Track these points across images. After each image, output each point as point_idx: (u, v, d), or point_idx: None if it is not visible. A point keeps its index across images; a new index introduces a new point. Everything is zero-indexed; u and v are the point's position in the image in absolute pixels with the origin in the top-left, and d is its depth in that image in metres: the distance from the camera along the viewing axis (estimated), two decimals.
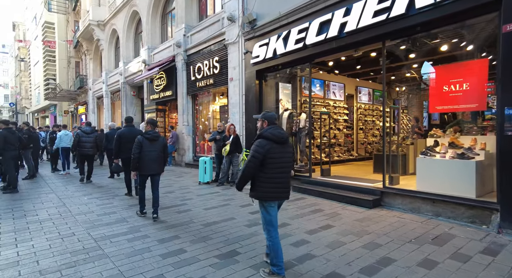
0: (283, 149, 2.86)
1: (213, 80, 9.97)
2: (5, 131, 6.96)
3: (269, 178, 2.81)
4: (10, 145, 6.83)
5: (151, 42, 13.69)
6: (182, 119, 11.53)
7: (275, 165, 2.80)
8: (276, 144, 2.81)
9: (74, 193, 6.78)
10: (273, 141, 2.80)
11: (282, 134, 2.86)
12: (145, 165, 4.64)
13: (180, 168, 11.20)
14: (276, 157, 2.80)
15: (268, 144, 2.78)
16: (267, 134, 2.82)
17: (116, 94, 18.15)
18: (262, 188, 2.83)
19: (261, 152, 2.75)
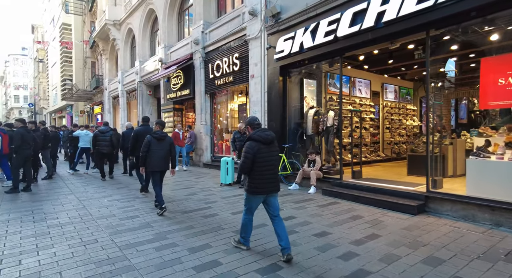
0: (269, 149, 3.27)
1: (232, 78, 9.63)
2: (22, 130, 6.89)
3: (258, 174, 3.22)
4: (26, 144, 6.74)
5: (167, 40, 13.48)
6: (200, 118, 11.24)
7: (264, 163, 3.21)
8: (263, 144, 3.21)
9: (93, 194, 6.55)
10: (261, 142, 3.20)
11: (268, 135, 3.26)
12: (153, 162, 5.02)
13: (198, 168, 10.91)
14: (264, 156, 3.21)
15: (256, 145, 3.19)
16: (255, 137, 3.22)
17: (132, 94, 18.09)
18: (252, 183, 3.25)
19: (251, 152, 3.17)
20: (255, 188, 3.25)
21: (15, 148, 6.71)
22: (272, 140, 3.31)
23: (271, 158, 3.29)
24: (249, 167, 3.20)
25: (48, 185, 7.65)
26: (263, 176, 3.23)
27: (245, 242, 3.48)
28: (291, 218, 4.63)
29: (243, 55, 9.12)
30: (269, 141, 3.26)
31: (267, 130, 3.38)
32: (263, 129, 3.37)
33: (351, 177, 6.65)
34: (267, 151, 3.24)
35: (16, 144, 6.67)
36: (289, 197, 6.03)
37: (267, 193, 3.30)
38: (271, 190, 3.30)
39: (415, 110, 11.55)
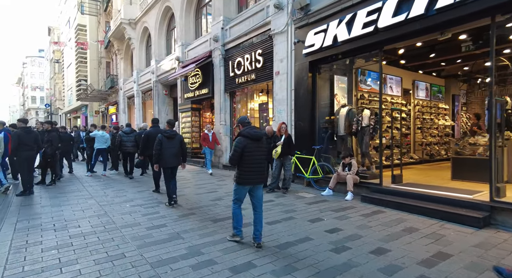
0: (257, 144, 3.57)
1: (255, 75, 9.16)
2: (20, 131, 6.53)
3: (246, 167, 3.53)
4: (24, 145, 6.38)
5: (185, 38, 13.14)
6: (219, 118, 10.83)
7: (251, 157, 3.52)
8: (251, 140, 3.52)
9: (114, 198, 6.19)
10: (249, 138, 3.51)
11: (256, 133, 3.58)
12: (165, 159, 5.45)
13: (218, 170, 10.49)
14: (251, 151, 3.52)
15: (245, 140, 3.50)
16: (244, 133, 3.54)
17: (147, 94, 17.88)
18: (241, 175, 3.57)
19: (240, 147, 3.50)
20: (243, 179, 3.59)
21: (12, 150, 6.41)
22: (260, 137, 3.61)
23: (258, 152, 3.60)
24: (237, 159, 3.55)
25: (67, 188, 7.36)
26: (250, 168, 3.55)
27: (238, 232, 3.74)
28: (336, 230, 4.12)
29: (267, 52, 8.64)
30: (257, 138, 3.57)
31: (255, 128, 3.70)
32: (252, 127, 3.68)
33: (391, 181, 6.08)
34: (255, 146, 3.57)
35: (12, 146, 6.34)
36: (325, 204, 5.51)
37: (253, 184, 3.63)
38: (257, 181, 3.64)
39: (446, 109, 10.81)
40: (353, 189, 5.91)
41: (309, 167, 6.91)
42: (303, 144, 7.15)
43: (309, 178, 6.95)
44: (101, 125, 10.00)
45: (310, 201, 5.75)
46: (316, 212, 5.02)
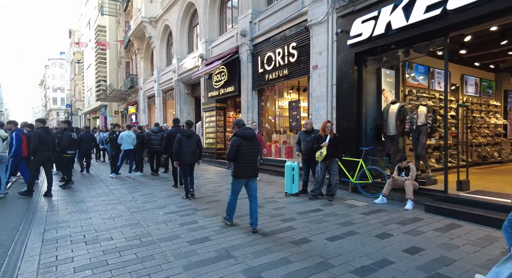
0: (250, 143, 4.11)
1: (288, 71, 8.51)
2: (41, 131, 6.38)
3: (240, 163, 4.10)
4: (44, 146, 6.35)
5: (208, 34, 12.64)
6: (246, 117, 10.23)
7: (245, 154, 4.07)
8: (245, 139, 4.06)
9: (144, 204, 5.69)
10: (243, 137, 4.06)
11: (249, 133, 4.12)
12: (184, 156, 5.98)
13: None
14: (245, 148, 4.07)
15: (239, 140, 4.05)
16: (239, 133, 4.08)
17: (168, 93, 17.55)
18: (236, 169, 4.14)
19: (235, 145, 4.04)
20: (239, 173, 4.12)
21: (32, 150, 6.27)
22: (252, 137, 4.14)
23: (251, 150, 4.13)
24: (232, 156, 4.07)
25: (92, 191, 6.94)
26: (244, 164, 4.08)
27: (229, 218, 4.35)
28: (416, 250, 3.40)
29: (302, 44, 7.98)
30: (250, 137, 4.10)
31: (249, 129, 4.20)
32: (246, 128, 4.19)
33: (456, 188, 5.28)
34: (248, 145, 4.08)
35: (33, 146, 6.23)
36: (385, 215, 4.79)
37: (247, 178, 4.16)
38: (250, 175, 4.18)
39: (498, 106, 9.81)
40: (413, 197, 5.15)
41: (356, 170, 6.19)
42: (347, 145, 6.44)
43: (356, 183, 6.23)
44: (126, 125, 9.60)
45: (365, 211, 5.04)
46: (378, 224, 4.31)
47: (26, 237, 3.99)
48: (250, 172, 4.15)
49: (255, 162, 4.25)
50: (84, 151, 9.95)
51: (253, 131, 4.20)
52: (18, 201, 6.18)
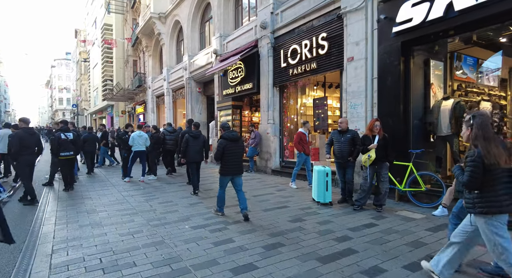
0: (235, 144, 4.76)
1: (316, 64, 7.72)
2: (22, 132, 5.75)
3: (227, 162, 4.70)
4: (26, 148, 5.77)
5: (223, 29, 11.90)
6: (267, 116, 9.48)
7: (230, 155, 4.70)
8: (230, 141, 4.71)
9: (165, 215, 4.96)
10: (228, 140, 4.71)
11: (234, 135, 4.79)
12: (191, 155, 6.46)
13: (266, 175, 9.14)
14: (230, 149, 4.70)
15: (225, 141, 4.70)
16: (225, 136, 4.75)
17: (178, 92, 16.86)
18: (222, 168, 4.76)
19: (222, 146, 4.68)
20: (225, 171, 4.74)
21: (13, 154, 5.73)
22: (237, 139, 4.78)
23: (236, 151, 4.75)
24: (219, 156, 4.70)
25: (104, 198, 6.24)
26: (229, 163, 4.70)
27: (220, 210, 4.92)
28: None
29: (333, 35, 7.20)
30: (235, 139, 4.75)
31: (233, 131, 4.91)
32: (231, 131, 4.86)
33: None
34: (233, 146, 4.72)
35: (14, 149, 5.66)
36: None
37: (232, 175, 4.79)
38: (235, 173, 4.79)
39: None
40: None
41: (405, 176, 5.40)
42: (393, 147, 5.62)
43: (405, 191, 5.44)
44: (137, 124, 8.91)
45: (429, 226, 4.25)
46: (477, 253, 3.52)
47: (31, 261, 3.28)
48: (235, 170, 4.77)
49: (240, 161, 4.84)
50: (89, 152, 9.70)
51: (237, 134, 4.86)
52: (22, 211, 5.50)
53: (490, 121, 2.51)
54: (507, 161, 2.35)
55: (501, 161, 2.31)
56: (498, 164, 2.30)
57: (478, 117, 2.44)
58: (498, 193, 2.35)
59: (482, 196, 2.37)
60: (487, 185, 2.37)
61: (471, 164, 2.37)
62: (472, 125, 2.44)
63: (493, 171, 2.33)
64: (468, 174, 2.38)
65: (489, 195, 2.36)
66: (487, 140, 2.36)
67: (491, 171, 2.33)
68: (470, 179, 2.36)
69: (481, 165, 2.33)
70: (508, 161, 2.35)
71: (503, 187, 2.36)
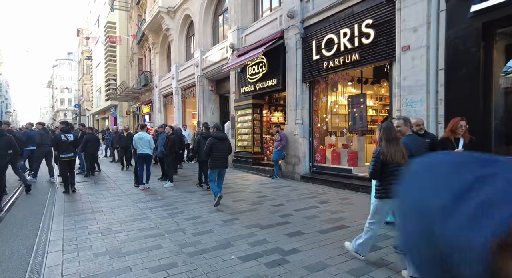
0: (222, 143, 5.67)
1: (358, 56, 6.75)
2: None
3: (213, 158, 5.59)
4: None
5: (241, 21, 10.94)
6: (294, 115, 8.50)
7: (217, 152, 5.59)
8: (218, 140, 5.61)
9: (198, 237, 3.97)
10: (216, 138, 5.63)
11: (221, 135, 5.80)
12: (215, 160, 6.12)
13: (294, 182, 8.16)
14: (218, 147, 5.59)
15: (214, 140, 5.60)
16: (214, 135, 5.71)
17: (188, 91, 15.90)
18: (211, 163, 5.62)
19: (210, 144, 5.54)
20: (213, 166, 5.61)
21: None
22: (224, 138, 5.80)
23: (222, 149, 5.66)
24: (208, 153, 5.56)
25: (119, 212, 5.25)
26: (216, 159, 5.60)
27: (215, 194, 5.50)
28: None
29: (381, 21, 6.23)
30: (222, 138, 5.73)
31: (222, 132, 6.00)
32: (220, 131, 5.91)
33: None
34: (220, 144, 5.63)
35: None
36: None
37: (220, 168, 5.69)
38: (221, 167, 5.71)
39: None
40: None
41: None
42: None
43: None
44: (140, 124, 7.93)
45: None
46: None
47: None
48: (222, 165, 5.66)
49: (226, 157, 5.77)
50: (91, 153, 9.16)
51: (224, 134, 5.96)
52: (24, 227, 4.52)
53: (393, 126, 3.14)
54: (404, 158, 2.92)
55: (395, 158, 2.89)
56: (392, 160, 2.89)
57: (385, 123, 3.11)
58: (390, 183, 2.93)
59: (381, 184, 3.00)
60: (383, 176, 2.97)
61: (373, 159, 2.98)
62: (380, 129, 3.06)
63: (388, 165, 2.92)
64: (371, 167, 3.01)
65: (384, 184, 2.98)
66: (387, 141, 2.95)
67: (387, 165, 2.93)
68: (371, 171, 3.00)
69: (380, 160, 2.93)
70: (404, 158, 2.92)
71: (393, 178, 2.93)
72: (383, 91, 8.78)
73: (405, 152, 2.98)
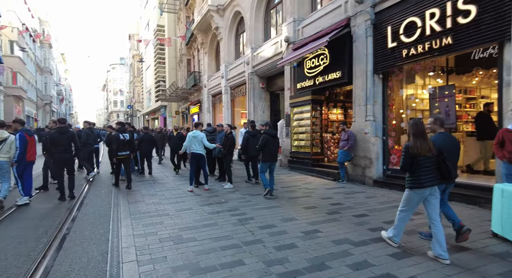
0: (274, 139, 6.26)
1: (452, 39, 5.65)
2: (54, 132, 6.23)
3: (266, 153, 6.18)
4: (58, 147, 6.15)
5: (297, 12, 10.24)
6: (364, 111, 7.58)
7: (269, 147, 6.17)
8: (271, 137, 6.18)
9: (283, 252, 3.39)
10: (269, 135, 6.19)
11: (273, 132, 6.35)
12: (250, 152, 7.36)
13: (366, 187, 7.24)
14: (270, 142, 6.16)
15: (267, 136, 6.16)
16: (267, 132, 6.26)
17: (237, 90, 15.61)
18: (263, 157, 6.23)
19: (264, 140, 6.12)
20: (265, 159, 6.19)
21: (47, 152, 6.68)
22: (275, 135, 6.40)
23: (273, 144, 6.23)
24: (262, 148, 6.14)
25: (186, 216, 4.88)
26: (268, 154, 6.17)
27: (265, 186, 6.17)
28: None
29: None
30: (274, 135, 6.30)
31: (272, 128, 6.57)
32: (271, 128, 6.55)
33: None
34: (272, 140, 6.19)
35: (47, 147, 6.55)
36: None
37: (270, 162, 6.23)
38: (272, 160, 6.23)
39: None
40: None
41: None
42: None
43: None
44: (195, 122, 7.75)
45: None
46: None
47: None
48: (272, 158, 6.24)
49: (276, 152, 6.33)
50: (145, 152, 9.36)
51: (275, 131, 6.75)
52: (95, 229, 4.34)
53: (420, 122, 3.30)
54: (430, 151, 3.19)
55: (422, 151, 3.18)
56: (419, 153, 3.18)
57: (411, 120, 3.36)
58: (420, 174, 3.23)
59: (411, 175, 3.30)
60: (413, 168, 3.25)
61: (403, 153, 3.30)
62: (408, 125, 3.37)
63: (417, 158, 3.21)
64: (401, 160, 3.33)
65: (414, 175, 3.27)
66: (414, 136, 3.24)
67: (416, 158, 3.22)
68: (402, 164, 3.32)
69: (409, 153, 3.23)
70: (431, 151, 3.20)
71: (422, 170, 3.22)
72: (474, 82, 7.45)
73: (431, 146, 3.21)
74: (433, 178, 3.22)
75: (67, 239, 4.03)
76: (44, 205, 5.91)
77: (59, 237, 4.08)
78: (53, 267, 3.21)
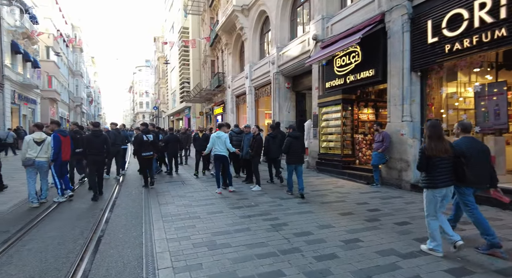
0: (297, 141, 6.30)
1: (506, 30, 5.14)
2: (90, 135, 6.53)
3: (291, 155, 6.21)
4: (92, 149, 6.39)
5: (326, 9, 9.90)
6: (401, 111, 7.14)
7: (293, 149, 6.19)
8: (294, 139, 6.25)
9: (324, 263, 3.16)
10: (293, 137, 6.27)
11: (296, 134, 6.39)
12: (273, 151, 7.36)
13: (403, 192, 6.80)
14: (294, 145, 6.19)
15: (290, 139, 6.24)
16: (290, 134, 6.33)
17: (262, 90, 15.46)
18: (288, 159, 6.25)
19: (288, 143, 6.21)
20: (290, 161, 6.23)
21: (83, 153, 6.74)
22: (298, 136, 6.46)
23: (297, 145, 6.26)
24: (287, 150, 6.19)
25: (218, 220, 4.77)
26: (292, 155, 6.21)
27: (290, 189, 6.46)
28: None
29: None
30: (297, 137, 6.36)
31: (296, 131, 6.50)
32: (295, 131, 6.46)
33: None
34: (296, 142, 6.24)
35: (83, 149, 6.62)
36: None
37: (295, 164, 6.25)
38: (298, 162, 6.28)
39: None
40: None
41: None
42: None
43: None
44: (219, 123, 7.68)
45: None
46: None
47: None
48: (297, 161, 6.27)
49: (300, 154, 6.35)
50: (172, 152, 9.67)
51: (299, 133, 6.56)
52: (128, 231, 4.33)
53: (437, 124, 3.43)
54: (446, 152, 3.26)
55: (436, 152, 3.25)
56: (434, 154, 3.24)
57: (429, 122, 3.53)
58: (435, 174, 3.29)
59: (426, 175, 3.35)
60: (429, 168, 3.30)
61: (419, 154, 3.40)
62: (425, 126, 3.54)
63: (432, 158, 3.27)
64: (417, 161, 3.41)
65: (430, 175, 3.32)
66: (429, 138, 3.34)
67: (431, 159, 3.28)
68: (418, 164, 3.41)
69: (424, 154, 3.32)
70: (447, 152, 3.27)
71: (438, 170, 3.28)
72: None
73: (448, 147, 3.29)
74: (447, 179, 3.29)
75: (103, 242, 4.03)
76: (78, 204, 6.05)
77: (94, 239, 4.10)
78: (91, 271, 3.19)
